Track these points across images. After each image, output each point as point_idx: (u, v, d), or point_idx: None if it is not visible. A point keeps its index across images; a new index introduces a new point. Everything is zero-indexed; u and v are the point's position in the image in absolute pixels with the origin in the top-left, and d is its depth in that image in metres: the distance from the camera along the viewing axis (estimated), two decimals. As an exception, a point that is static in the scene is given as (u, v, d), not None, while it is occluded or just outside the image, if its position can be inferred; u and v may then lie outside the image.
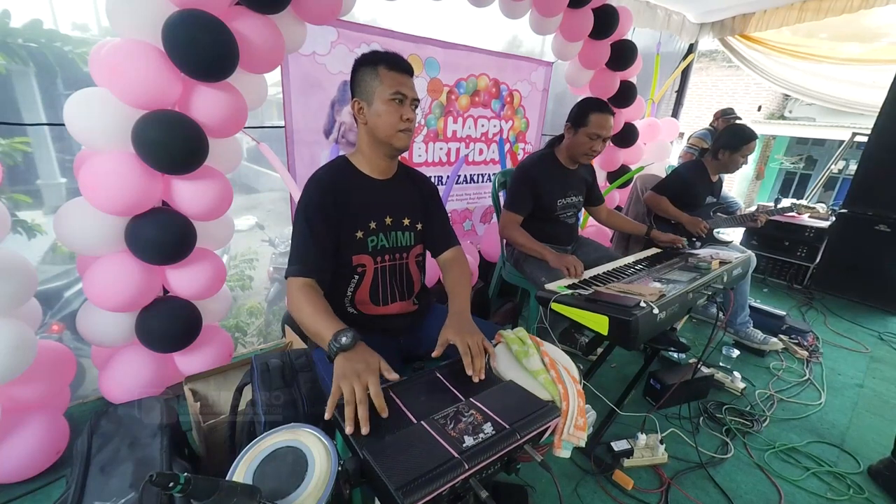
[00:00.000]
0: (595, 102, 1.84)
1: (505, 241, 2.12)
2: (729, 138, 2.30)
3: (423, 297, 1.36)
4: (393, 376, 0.87)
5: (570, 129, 1.87)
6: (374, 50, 1.17)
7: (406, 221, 1.26)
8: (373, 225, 1.20)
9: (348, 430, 0.75)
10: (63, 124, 1.35)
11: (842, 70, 3.80)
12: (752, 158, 10.83)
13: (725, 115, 3.50)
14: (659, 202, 2.40)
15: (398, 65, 1.13)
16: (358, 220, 1.18)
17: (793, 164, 11.38)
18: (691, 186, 2.40)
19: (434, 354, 1.04)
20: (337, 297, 1.21)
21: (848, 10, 3.10)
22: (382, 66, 1.11)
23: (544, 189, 1.91)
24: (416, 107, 1.17)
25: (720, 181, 2.55)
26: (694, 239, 2.34)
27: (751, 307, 2.51)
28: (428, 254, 1.38)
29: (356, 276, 1.21)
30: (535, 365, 0.96)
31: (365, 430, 0.75)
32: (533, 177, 1.90)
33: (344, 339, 0.90)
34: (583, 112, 1.82)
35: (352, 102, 1.16)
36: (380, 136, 1.15)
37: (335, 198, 1.14)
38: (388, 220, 1.23)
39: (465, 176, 2.89)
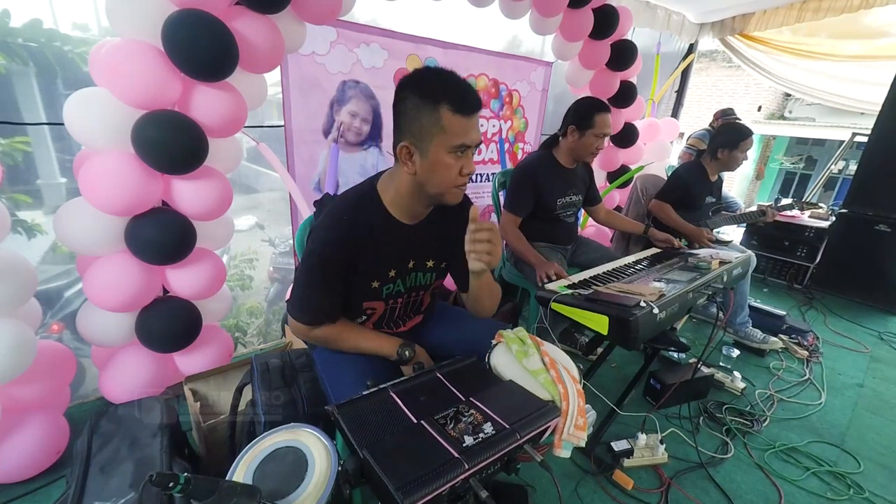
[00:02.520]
0: (596, 103, 1.87)
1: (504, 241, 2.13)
2: (726, 137, 2.30)
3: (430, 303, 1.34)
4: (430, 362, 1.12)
5: (574, 131, 1.88)
6: (433, 76, 0.91)
7: (430, 263, 1.15)
8: (392, 273, 1.08)
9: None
10: (63, 124, 1.35)
11: (842, 67, 3.79)
12: (752, 158, 10.85)
13: (726, 116, 3.50)
14: (663, 209, 2.38)
15: (467, 105, 0.89)
16: (377, 272, 1.06)
17: (793, 164, 11.39)
18: (691, 187, 2.40)
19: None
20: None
21: (848, 9, 3.10)
22: (446, 107, 0.87)
23: (545, 188, 1.92)
24: (476, 150, 0.97)
25: (720, 180, 2.55)
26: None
27: (751, 307, 2.51)
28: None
29: (364, 316, 1.15)
30: (535, 365, 0.96)
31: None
32: (533, 176, 1.90)
33: (407, 353, 1.08)
34: (588, 114, 1.84)
35: (399, 147, 0.94)
36: (430, 191, 0.97)
37: (358, 244, 1.00)
38: (410, 265, 1.11)
39: (465, 176, 2.89)
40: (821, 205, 3.63)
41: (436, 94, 0.88)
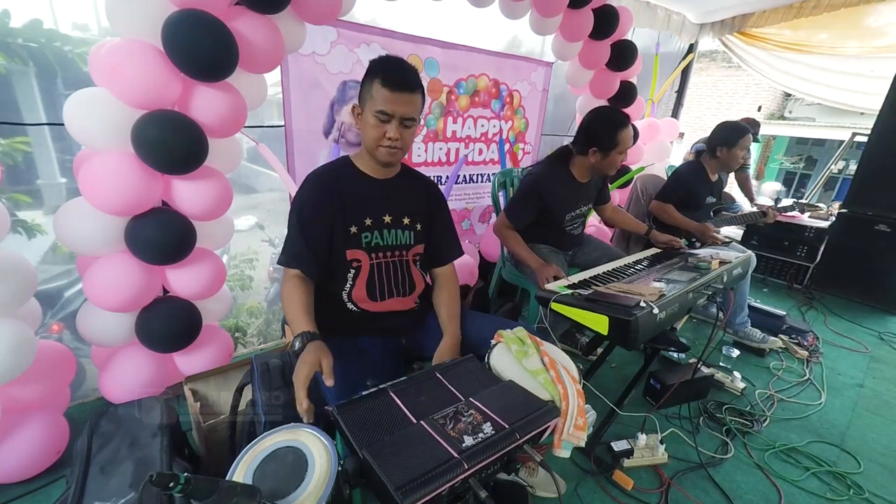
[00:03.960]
0: (617, 119, 1.77)
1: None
2: (724, 135, 2.30)
3: (426, 297, 1.36)
4: (328, 382, 0.94)
5: (596, 153, 1.79)
6: (383, 58, 1.14)
7: (406, 220, 1.26)
8: (368, 222, 1.20)
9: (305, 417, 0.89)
10: (63, 124, 1.35)
11: (842, 63, 3.77)
12: (753, 159, 10.84)
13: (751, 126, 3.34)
14: (665, 210, 2.38)
15: (393, 81, 1.08)
16: (352, 216, 1.18)
17: (793, 164, 11.40)
18: (692, 187, 2.40)
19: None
20: (336, 291, 1.21)
21: (847, 4, 3.09)
22: (378, 80, 1.08)
23: (554, 203, 1.88)
24: (411, 125, 1.13)
25: (720, 181, 2.54)
26: (693, 239, 2.34)
27: (751, 307, 2.50)
28: None
29: (352, 271, 1.21)
30: (534, 365, 0.96)
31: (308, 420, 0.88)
32: (543, 192, 1.86)
33: (297, 345, 1.00)
34: (611, 134, 1.75)
35: (353, 106, 1.18)
36: (365, 146, 1.18)
37: (330, 192, 1.16)
38: (386, 219, 1.23)
39: (465, 176, 2.89)
40: (820, 205, 3.63)
41: (375, 70, 1.10)
